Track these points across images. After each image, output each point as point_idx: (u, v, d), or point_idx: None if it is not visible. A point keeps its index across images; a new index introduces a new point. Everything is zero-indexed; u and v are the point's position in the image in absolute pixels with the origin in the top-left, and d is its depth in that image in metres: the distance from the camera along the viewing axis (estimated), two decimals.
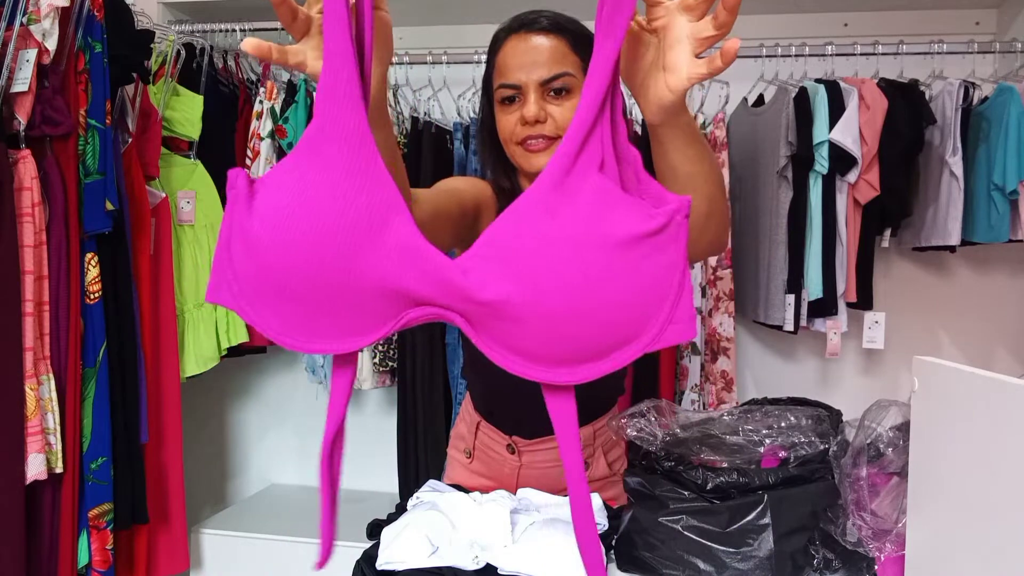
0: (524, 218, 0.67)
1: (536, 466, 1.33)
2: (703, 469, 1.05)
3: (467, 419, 1.41)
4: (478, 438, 1.38)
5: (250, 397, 2.85)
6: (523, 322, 0.66)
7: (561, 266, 0.64)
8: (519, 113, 1.16)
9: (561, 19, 1.17)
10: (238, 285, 0.69)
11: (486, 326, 0.68)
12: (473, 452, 1.39)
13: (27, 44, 1.69)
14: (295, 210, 0.66)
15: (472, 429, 1.39)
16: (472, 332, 0.69)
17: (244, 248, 0.68)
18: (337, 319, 0.69)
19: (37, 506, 1.76)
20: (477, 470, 1.39)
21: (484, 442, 1.37)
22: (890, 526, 0.96)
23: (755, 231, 2.23)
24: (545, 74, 1.14)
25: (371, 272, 0.66)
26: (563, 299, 0.65)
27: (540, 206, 0.66)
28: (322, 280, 0.66)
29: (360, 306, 0.68)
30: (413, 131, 2.31)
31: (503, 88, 1.17)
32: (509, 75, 1.16)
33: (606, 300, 0.65)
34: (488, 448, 1.37)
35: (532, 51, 1.14)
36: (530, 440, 1.32)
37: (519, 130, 1.16)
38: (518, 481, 1.34)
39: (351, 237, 0.65)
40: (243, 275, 0.69)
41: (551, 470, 1.32)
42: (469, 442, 1.39)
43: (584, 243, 0.65)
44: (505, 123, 1.18)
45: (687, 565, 1.02)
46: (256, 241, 0.67)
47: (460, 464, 1.42)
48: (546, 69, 1.14)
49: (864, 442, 1.02)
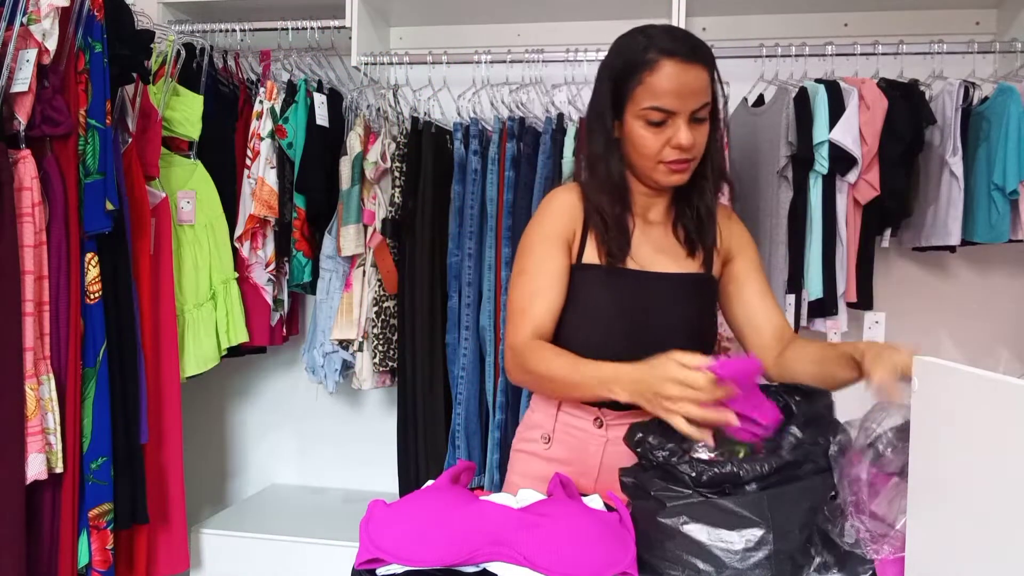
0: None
1: (622, 441, 1.35)
2: (696, 461, 1.05)
3: (542, 407, 1.42)
4: (559, 420, 1.39)
5: (250, 397, 2.85)
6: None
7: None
8: (667, 136, 1.25)
9: (705, 49, 1.28)
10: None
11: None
12: (552, 436, 1.39)
13: (27, 44, 1.69)
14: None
15: (551, 413, 1.40)
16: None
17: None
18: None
19: (37, 506, 1.76)
20: (556, 455, 1.39)
21: (566, 422, 1.38)
22: (889, 527, 0.96)
23: (755, 231, 2.22)
24: (696, 105, 1.25)
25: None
26: None
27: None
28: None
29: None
30: (413, 131, 2.30)
31: (655, 111, 1.25)
32: (664, 100, 1.24)
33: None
34: (571, 428, 1.38)
35: (690, 82, 1.24)
36: (620, 412, 1.33)
37: (668, 152, 1.26)
38: (602, 460, 1.35)
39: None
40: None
41: None
42: (548, 427, 1.40)
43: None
44: (652, 142, 1.26)
45: (686, 565, 1.02)
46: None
47: (534, 455, 1.41)
48: (696, 100, 1.25)
49: (864, 443, 1.02)
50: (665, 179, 1.30)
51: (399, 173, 2.30)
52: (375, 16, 2.46)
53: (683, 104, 1.24)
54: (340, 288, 2.39)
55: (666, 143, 1.26)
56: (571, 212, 1.35)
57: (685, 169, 1.29)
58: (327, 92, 2.39)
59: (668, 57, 1.24)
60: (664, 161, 1.28)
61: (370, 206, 2.33)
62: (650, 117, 1.25)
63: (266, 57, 2.53)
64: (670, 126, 1.25)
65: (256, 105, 2.35)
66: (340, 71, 2.56)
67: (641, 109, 1.26)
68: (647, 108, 1.25)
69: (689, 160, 1.28)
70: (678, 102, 1.23)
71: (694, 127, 1.26)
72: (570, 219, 1.35)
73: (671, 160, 1.27)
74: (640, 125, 1.27)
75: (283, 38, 2.44)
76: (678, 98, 1.23)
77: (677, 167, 1.28)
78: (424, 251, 2.28)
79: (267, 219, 2.32)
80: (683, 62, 1.23)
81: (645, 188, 1.38)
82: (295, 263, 2.38)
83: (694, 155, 1.28)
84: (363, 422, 2.75)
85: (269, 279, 2.39)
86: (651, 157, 1.28)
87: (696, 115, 1.25)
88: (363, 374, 2.38)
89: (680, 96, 1.23)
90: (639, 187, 1.38)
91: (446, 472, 1.20)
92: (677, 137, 1.24)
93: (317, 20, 2.37)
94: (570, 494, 1.17)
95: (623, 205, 1.35)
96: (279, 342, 2.55)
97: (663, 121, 1.25)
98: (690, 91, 1.23)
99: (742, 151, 2.26)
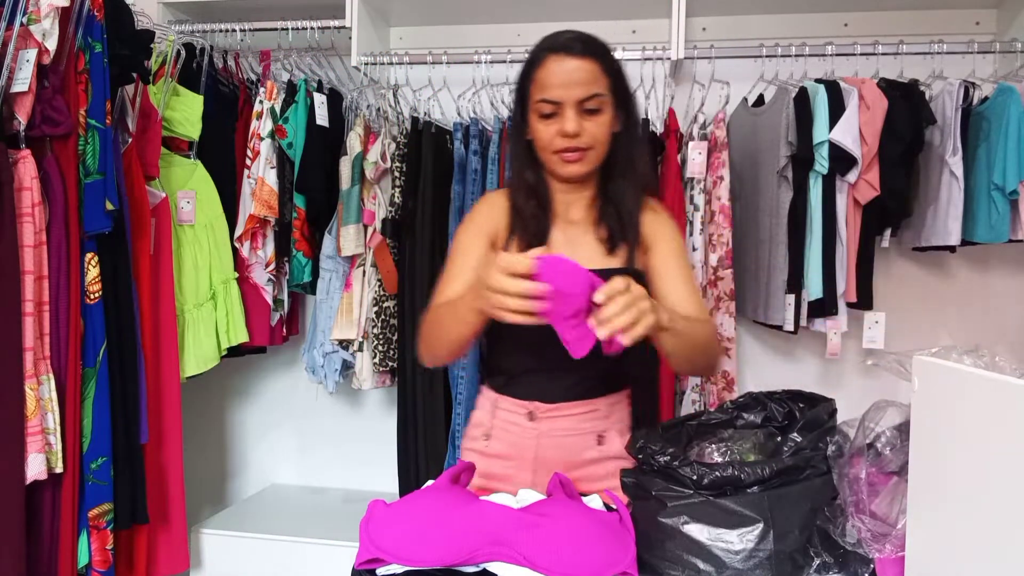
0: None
1: (554, 434, 1.41)
2: (697, 464, 1.05)
3: (485, 406, 1.48)
4: (497, 416, 1.45)
5: (250, 397, 2.85)
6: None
7: None
8: (557, 126, 1.31)
9: (595, 44, 1.33)
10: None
11: None
12: (491, 432, 1.45)
13: (27, 44, 1.69)
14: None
15: (491, 410, 1.46)
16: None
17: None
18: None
19: (37, 506, 1.76)
20: (494, 451, 1.44)
21: (503, 418, 1.44)
22: (889, 527, 0.96)
23: (755, 231, 2.23)
24: (582, 94, 1.30)
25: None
26: None
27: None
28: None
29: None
30: (413, 131, 2.30)
31: (544, 103, 1.32)
32: (550, 92, 1.31)
33: None
34: (508, 423, 1.44)
35: (571, 72, 1.30)
36: (549, 405, 1.40)
37: (558, 141, 1.32)
38: (536, 453, 1.40)
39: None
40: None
41: (568, 439, 1.41)
42: (488, 424, 1.46)
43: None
44: (544, 133, 1.33)
45: (687, 565, 1.02)
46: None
47: (476, 452, 1.47)
48: (583, 90, 1.30)
49: (863, 442, 1.02)
50: (562, 169, 1.35)
51: (399, 173, 2.30)
52: (375, 16, 2.46)
53: (568, 93, 1.29)
54: (340, 288, 2.39)
55: (557, 133, 1.32)
56: (497, 212, 1.41)
57: (578, 159, 1.33)
58: (327, 92, 2.39)
59: (552, 52, 1.32)
60: (557, 151, 1.33)
61: (370, 206, 2.33)
62: (542, 110, 1.32)
63: (266, 57, 2.53)
64: (560, 116, 1.31)
65: (256, 105, 2.35)
66: (340, 71, 2.56)
67: (535, 103, 1.33)
68: (538, 101, 1.32)
69: (581, 149, 1.32)
70: (562, 92, 1.30)
71: (586, 117, 1.31)
72: (496, 219, 1.41)
73: (561, 149, 1.32)
74: (536, 119, 1.34)
75: (283, 38, 2.45)
76: (562, 88, 1.30)
77: (569, 156, 1.33)
78: (424, 251, 2.28)
79: (267, 219, 2.33)
80: (566, 55, 1.31)
81: (564, 187, 1.42)
82: (295, 263, 2.38)
83: (586, 144, 1.32)
84: (363, 422, 2.75)
85: (269, 279, 2.40)
86: (547, 148, 1.34)
87: (585, 106, 1.30)
88: (363, 374, 2.38)
89: (564, 86, 1.30)
90: (559, 187, 1.42)
91: (446, 472, 1.20)
92: (564, 125, 1.30)
93: (317, 20, 2.38)
94: (570, 494, 1.17)
95: (540, 204, 1.41)
96: (279, 342, 2.56)
97: (553, 113, 1.31)
98: (573, 81, 1.29)
99: (742, 151, 2.26)
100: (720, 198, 2.20)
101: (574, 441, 1.41)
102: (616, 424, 1.44)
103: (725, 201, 2.20)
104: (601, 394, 1.42)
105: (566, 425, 1.40)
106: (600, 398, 1.42)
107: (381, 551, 1.02)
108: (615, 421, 1.44)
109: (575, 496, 1.17)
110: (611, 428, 1.43)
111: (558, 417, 1.40)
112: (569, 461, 1.39)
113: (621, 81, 1.37)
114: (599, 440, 1.42)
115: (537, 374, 1.40)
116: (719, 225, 2.20)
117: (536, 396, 1.41)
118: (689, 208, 2.23)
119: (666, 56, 2.24)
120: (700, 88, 2.31)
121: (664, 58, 2.25)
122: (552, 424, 1.40)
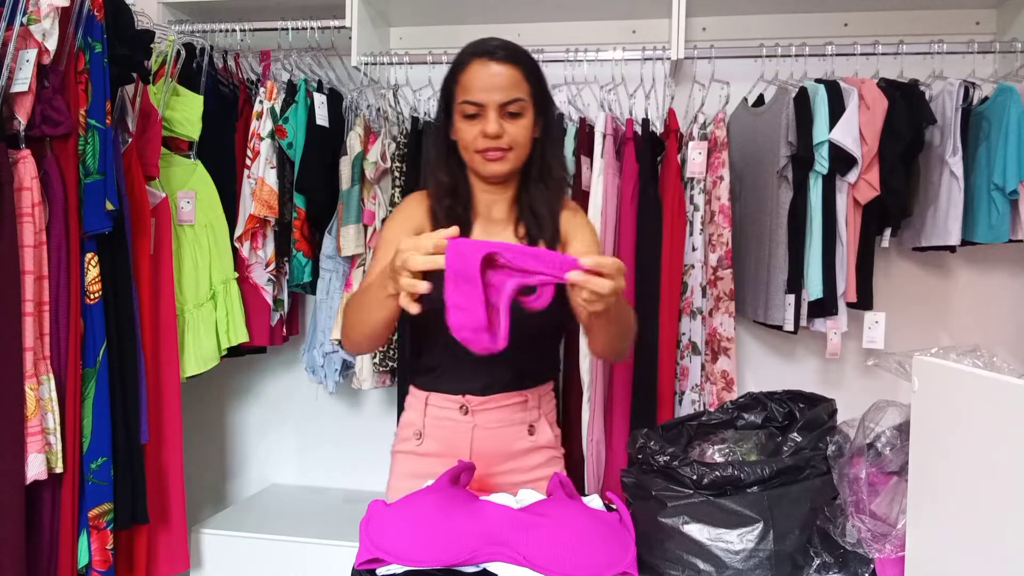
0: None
1: (489, 426, 1.44)
2: (697, 464, 1.05)
3: (416, 406, 1.51)
4: (428, 414, 1.47)
5: (250, 397, 2.85)
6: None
7: None
8: (480, 127, 1.37)
9: (519, 52, 1.40)
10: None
11: None
12: (424, 431, 1.47)
13: (27, 44, 1.69)
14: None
15: (422, 410, 1.48)
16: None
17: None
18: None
19: (37, 506, 1.76)
20: (428, 450, 1.47)
21: (435, 415, 1.47)
22: (889, 527, 0.96)
23: (755, 231, 2.23)
24: (504, 98, 1.36)
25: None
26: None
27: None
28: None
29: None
30: (413, 131, 2.30)
31: (467, 104, 1.37)
32: (473, 94, 1.37)
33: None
34: (441, 420, 1.46)
35: (494, 77, 1.36)
36: (482, 397, 1.44)
37: (480, 141, 1.38)
38: (472, 446, 1.43)
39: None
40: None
41: (502, 430, 1.44)
42: (419, 423, 1.48)
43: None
44: (467, 133, 1.39)
45: (687, 565, 1.02)
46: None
47: (408, 454, 1.49)
48: (505, 94, 1.36)
49: (863, 442, 1.02)
50: (483, 168, 1.41)
51: (399, 173, 2.30)
52: (375, 16, 2.46)
53: (489, 96, 1.36)
54: (340, 288, 2.39)
55: (479, 133, 1.37)
56: (420, 211, 1.45)
57: (499, 158, 1.39)
58: (327, 92, 2.39)
59: (477, 56, 1.38)
60: (478, 150, 1.39)
61: (370, 206, 2.33)
62: (465, 111, 1.38)
63: (266, 57, 2.53)
64: (482, 118, 1.37)
65: (256, 105, 2.35)
66: (340, 71, 2.56)
67: (459, 104, 1.39)
68: (462, 103, 1.38)
69: (502, 149, 1.38)
70: (484, 95, 1.36)
71: (507, 120, 1.37)
72: (418, 218, 1.45)
73: (483, 148, 1.38)
74: (459, 119, 1.40)
75: (283, 38, 2.44)
76: (484, 91, 1.36)
77: (490, 156, 1.38)
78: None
79: (267, 219, 2.33)
80: (489, 60, 1.37)
81: (487, 187, 1.47)
82: (295, 263, 2.38)
83: (507, 144, 1.38)
84: (363, 422, 2.75)
85: (269, 279, 2.39)
86: (469, 148, 1.40)
87: (507, 109, 1.37)
88: (363, 374, 2.38)
89: (486, 90, 1.36)
90: (481, 186, 1.47)
91: (446, 472, 1.20)
92: (485, 126, 1.36)
93: (317, 20, 2.38)
94: (570, 494, 1.17)
95: (460, 203, 1.45)
96: (279, 342, 2.55)
97: (476, 114, 1.37)
98: (495, 86, 1.36)
99: (742, 151, 2.26)
100: (720, 198, 2.20)
101: (507, 432, 1.45)
102: (546, 414, 1.50)
103: (725, 201, 2.20)
104: (530, 385, 1.47)
105: (499, 416, 1.44)
106: (529, 389, 1.47)
107: (381, 551, 1.02)
108: (544, 412, 1.50)
109: (575, 496, 1.17)
110: (541, 418, 1.48)
111: (492, 409, 1.44)
112: (503, 452, 1.44)
113: (542, 88, 1.44)
114: (530, 430, 1.46)
115: (465, 366, 1.39)
116: (719, 225, 2.20)
117: (467, 389, 1.44)
118: (689, 208, 2.23)
119: (666, 56, 2.24)
120: (700, 88, 2.31)
121: (664, 58, 2.25)
122: (486, 416, 1.44)
